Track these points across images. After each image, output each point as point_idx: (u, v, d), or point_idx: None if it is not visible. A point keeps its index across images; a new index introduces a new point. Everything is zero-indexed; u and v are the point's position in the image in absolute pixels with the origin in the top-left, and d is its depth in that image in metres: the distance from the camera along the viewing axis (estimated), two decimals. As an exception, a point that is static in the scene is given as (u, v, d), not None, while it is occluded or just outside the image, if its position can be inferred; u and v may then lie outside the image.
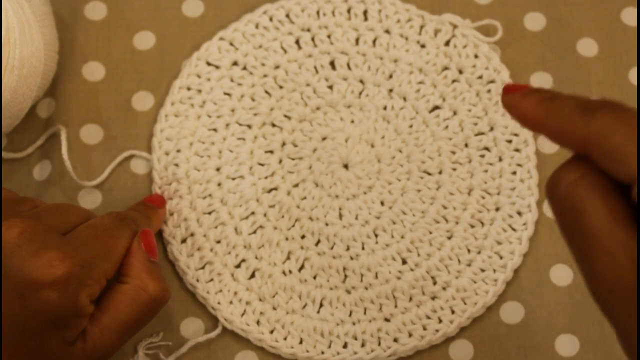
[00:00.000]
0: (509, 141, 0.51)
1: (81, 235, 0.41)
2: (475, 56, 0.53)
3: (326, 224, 0.50)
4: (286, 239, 0.49)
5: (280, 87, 0.52)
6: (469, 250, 0.49)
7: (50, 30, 0.50)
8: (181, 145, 0.51)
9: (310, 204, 0.50)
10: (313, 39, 0.53)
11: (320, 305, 0.48)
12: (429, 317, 0.48)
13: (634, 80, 0.53)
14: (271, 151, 0.51)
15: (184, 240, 0.50)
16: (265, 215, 0.50)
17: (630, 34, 0.54)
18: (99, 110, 0.52)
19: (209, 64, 0.53)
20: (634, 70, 0.53)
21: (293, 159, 0.51)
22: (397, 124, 0.51)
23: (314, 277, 0.49)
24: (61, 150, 0.50)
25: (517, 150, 0.51)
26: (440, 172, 0.50)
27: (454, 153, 0.51)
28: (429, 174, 0.51)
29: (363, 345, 0.48)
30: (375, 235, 0.49)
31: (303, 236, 0.49)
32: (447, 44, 0.53)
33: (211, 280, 0.49)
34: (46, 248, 0.39)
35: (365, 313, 0.48)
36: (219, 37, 0.53)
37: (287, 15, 0.54)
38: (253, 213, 0.50)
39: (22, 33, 0.45)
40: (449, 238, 0.49)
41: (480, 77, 0.52)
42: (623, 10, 0.54)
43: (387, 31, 0.53)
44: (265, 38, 0.53)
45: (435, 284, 0.48)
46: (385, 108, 0.52)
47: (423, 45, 0.53)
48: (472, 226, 0.49)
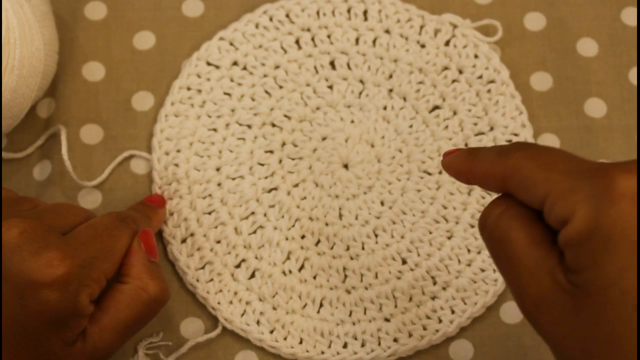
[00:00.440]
0: (509, 141, 0.51)
1: (81, 235, 0.41)
2: (475, 56, 0.53)
3: (326, 224, 0.50)
4: (286, 239, 0.49)
5: (280, 87, 0.52)
6: (469, 250, 0.49)
7: (50, 30, 0.50)
8: (181, 145, 0.51)
9: (310, 204, 0.50)
10: (313, 39, 0.53)
11: (320, 305, 0.48)
12: (429, 317, 0.48)
13: (634, 80, 0.53)
14: (271, 151, 0.51)
15: (184, 240, 0.49)
16: (265, 215, 0.50)
17: (630, 34, 0.54)
18: (99, 110, 0.52)
19: (209, 64, 0.53)
20: (634, 70, 0.53)
21: (293, 159, 0.51)
22: (397, 124, 0.51)
23: (314, 277, 0.49)
24: (61, 150, 0.50)
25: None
26: (440, 172, 0.50)
27: (454, 153, 0.51)
28: (429, 174, 0.51)
29: (363, 345, 0.48)
30: (375, 235, 0.49)
31: (303, 236, 0.49)
32: (447, 44, 0.53)
33: (211, 280, 0.49)
34: (46, 248, 0.39)
35: (365, 313, 0.48)
36: (219, 37, 0.53)
37: (287, 15, 0.54)
38: (253, 213, 0.50)
39: (22, 33, 0.45)
40: (449, 238, 0.49)
41: (480, 77, 0.52)
42: (623, 10, 0.54)
43: (387, 31, 0.53)
44: (265, 38, 0.53)
45: (435, 284, 0.48)
46: (385, 108, 0.52)
47: (423, 45, 0.53)
48: (472, 226, 0.49)
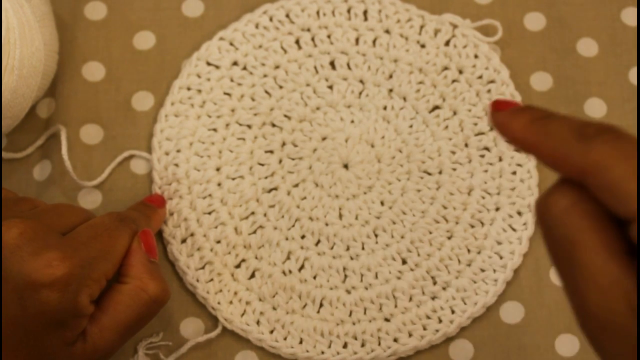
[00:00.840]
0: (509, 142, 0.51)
1: (81, 236, 0.41)
2: (475, 56, 0.53)
3: (326, 224, 0.50)
4: (286, 239, 0.49)
5: (280, 87, 0.52)
6: (469, 250, 0.49)
7: (50, 30, 0.50)
8: (181, 145, 0.51)
9: (310, 204, 0.50)
10: (313, 39, 0.53)
11: (320, 305, 0.48)
12: (429, 317, 0.48)
13: (634, 80, 0.53)
14: (271, 151, 0.51)
15: (184, 240, 0.49)
16: (265, 215, 0.50)
17: (630, 34, 0.54)
18: (99, 110, 0.52)
19: (209, 64, 0.53)
20: (634, 70, 0.53)
21: (293, 159, 0.51)
22: (397, 124, 0.51)
23: (314, 277, 0.49)
24: (61, 150, 0.50)
25: (517, 150, 0.51)
26: (440, 172, 0.50)
27: (454, 153, 0.51)
28: (429, 174, 0.51)
29: (363, 345, 0.48)
30: (375, 235, 0.49)
31: (303, 236, 0.49)
32: (447, 44, 0.53)
33: (211, 280, 0.49)
34: (46, 248, 0.39)
35: (365, 313, 0.48)
36: (219, 37, 0.53)
37: (287, 15, 0.54)
38: (253, 213, 0.50)
39: (22, 33, 0.45)
40: (449, 238, 0.49)
41: (480, 77, 0.52)
42: (623, 10, 0.54)
43: (387, 31, 0.53)
44: (265, 38, 0.53)
45: (435, 284, 0.48)
46: (385, 108, 0.52)
47: (423, 45, 0.53)
48: (472, 226, 0.49)
